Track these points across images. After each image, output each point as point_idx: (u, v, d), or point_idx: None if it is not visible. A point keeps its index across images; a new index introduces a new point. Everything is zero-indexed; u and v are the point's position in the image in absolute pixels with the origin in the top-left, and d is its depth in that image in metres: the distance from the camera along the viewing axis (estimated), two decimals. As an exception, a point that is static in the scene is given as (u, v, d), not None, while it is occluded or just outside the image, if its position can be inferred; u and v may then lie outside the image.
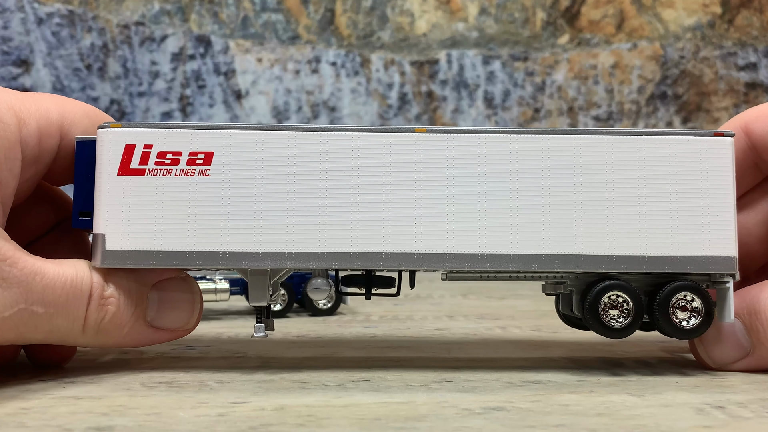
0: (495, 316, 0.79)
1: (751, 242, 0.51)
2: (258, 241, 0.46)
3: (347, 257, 0.46)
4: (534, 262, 0.46)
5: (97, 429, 0.34)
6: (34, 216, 0.50)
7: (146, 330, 0.47)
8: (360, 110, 1.54)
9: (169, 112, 1.52)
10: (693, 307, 0.46)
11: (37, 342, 0.44)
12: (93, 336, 0.45)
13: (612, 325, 0.46)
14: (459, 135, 0.46)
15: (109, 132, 0.46)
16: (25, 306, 0.41)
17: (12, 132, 0.43)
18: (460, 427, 0.35)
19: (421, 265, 0.46)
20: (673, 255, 0.46)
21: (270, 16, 1.53)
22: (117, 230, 0.45)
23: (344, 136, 0.46)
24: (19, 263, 0.41)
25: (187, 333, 0.49)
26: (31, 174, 0.46)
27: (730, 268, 0.46)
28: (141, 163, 0.46)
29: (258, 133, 0.46)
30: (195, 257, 0.45)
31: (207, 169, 0.46)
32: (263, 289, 0.47)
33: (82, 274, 0.44)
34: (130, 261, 0.45)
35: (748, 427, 0.35)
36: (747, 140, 0.50)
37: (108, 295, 0.45)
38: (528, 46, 1.55)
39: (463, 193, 0.46)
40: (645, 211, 0.46)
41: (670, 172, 0.46)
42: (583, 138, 0.46)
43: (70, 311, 0.43)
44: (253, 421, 0.36)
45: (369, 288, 0.50)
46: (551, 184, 0.46)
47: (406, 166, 0.46)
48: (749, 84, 1.53)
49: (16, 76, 1.49)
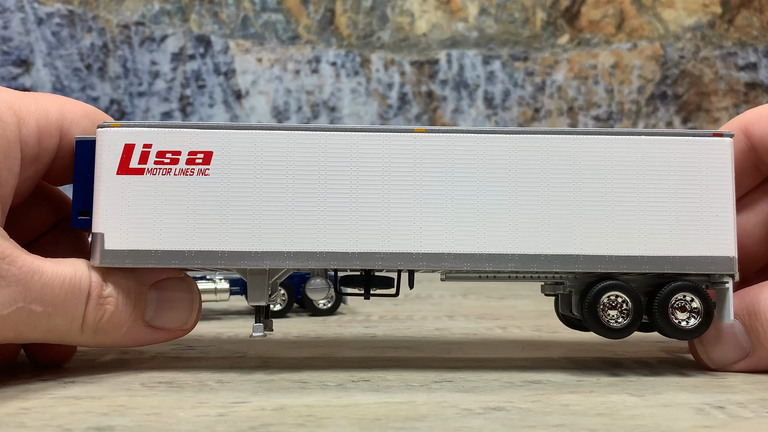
0: (495, 316, 0.79)
1: (751, 244, 0.51)
2: (257, 240, 0.46)
3: (346, 257, 0.46)
4: (533, 262, 0.46)
5: (97, 429, 0.34)
6: (33, 215, 0.50)
7: (144, 330, 0.47)
8: (360, 110, 1.54)
9: (169, 112, 1.52)
10: (692, 307, 0.46)
11: (35, 341, 0.44)
12: (91, 335, 0.45)
13: (611, 326, 0.46)
14: (458, 135, 0.46)
15: (108, 131, 0.46)
16: (24, 304, 0.41)
17: (11, 131, 0.43)
18: (460, 427, 0.35)
19: (420, 265, 0.46)
20: (672, 255, 0.46)
21: (270, 16, 1.53)
22: (116, 229, 0.45)
23: (343, 135, 0.46)
24: (18, 261, 0.41)
25: (185, 333, 0.49)
26: (31, 173, 0.46)
27: (729, 269, 0.46)
28: (140, 163, 0.46)
29: (257, 132, 0.46)
30: (194, 256, 0.45)
31: (206, 169, 0.46)
32: (262, 289, 0.47)
33: (80, 274, 0.44)
34: (129, 260, 0.45)
35: (748, 427, 0.35)
36: (747, 141, 0.50)
37: (106, 295, 0.45)
38: (528, 46, 1.55)
39: (462, 193, 0.46)
40: (644, 212, 0.46)
41: (669, 173, 0.46)
42: (582, 138, 0.46)
43: (68, 310, 0.43)
44: (253, 421, 0.36)
45: (368, 288, 0.50)
46: (550, 184, 0.46)
47: (405, 166, 0.46)
48: (749, 84, 1.53)
49: (16, 76, 1.49)
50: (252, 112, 1.54)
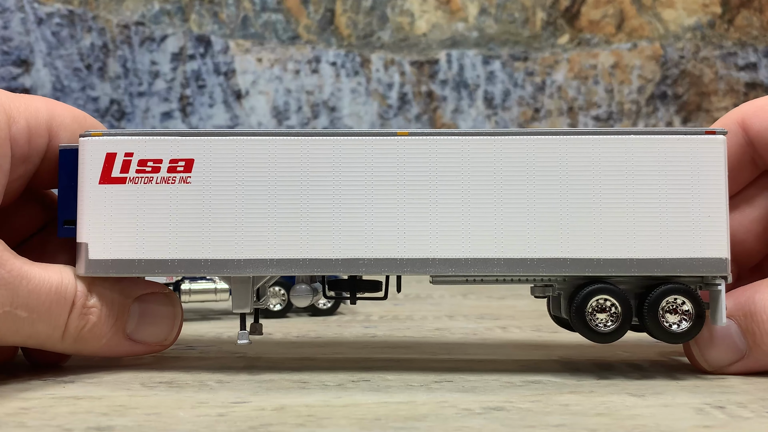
0: (495, 316, 0.79)
1: (748, 239, 0.50)
2: (239, 248, 0.45)
3: (329, 263, 0.45)
4: (519, 266, 0.45)
5: (97, 429, 0.34)
6: (22, 217, 0.50)
7: (124, 342, 0.47)
8: (360, 110, 1.54)
9: (169, 112, 1.52)
10: (683, 310, 0.44)
11: (17, 344, 0.44)
12: (71, 343, 0.45)
13: (599, 330, 0.45)
14: (441, 138, 0.45)
15: (90, 141, 0.46)
16: (10, 309, 0.41)
17: (2, 129, 0.43)
18: (460, 427, 0.35)
19: (404, 271, 0.45)
20: (662, 258, 0.45)
21: (270, 16, 1.53)
22: (100, 239, 0.45)
23: (325, 140, 0.45)
24: (7, 265, 0.41)
25: (164, 348, 0.50)
26: (21, 173, 0.46)
27: (722, 271, 0.44)
28: (122, 171, 0.46)
29: (237, 139, 0.46)
30: (177, 265, 0.45)
31: (188, 177, 0.46)
32: (246, 297, 0.47)
33: (66, 282, 0.44)
34: (113, 269, 0.45)
35: (748, 427, 0.35)
36: (744, 135, 0.49)
37: (90, 305, 0.45)
38: (528, 46, 1.55)
39: (446, 197, 0.45)
40: (634, 213, 0.45)
41: (660, 173, 0.45)
42: (569, 139, 0.45)
43: (52, 318, 0.43)
44: (253, 421, 0.36)
45: (354, 293, 0.50)
46: (536, 186, 0.45)
47: (388, 170, 0.45)
48: (749, 84, 1.53)
49: (16, 76, 1.48)
50: (252, 112, 1.54)
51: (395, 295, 0.97)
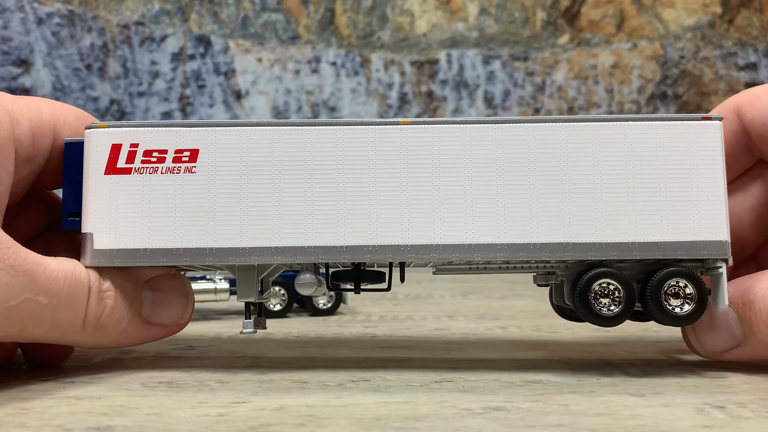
0: (495, 316, 0.79)
1: (743, 228, 0.50)
2: (244, 236, 0.46)
3: (334, 250, 0.45)
4: (522, 251, 0.45)
5: (97, 429, 0.34)
6: (26, 218, 0.50)
7: (142, 326, 0.47)
8: (360, 110, 1.54)
9: (169, 111, 1.52)
10: (686, 293, 0.45)
11: (38, 338, 0.44)
12: (92, 332, 0.45)
13: (603, 314, 0.45)
14: (443, 126, 0.46)
15: (95, 132, 0.46)
16: (31, 296, 0.41)
17: (5, 130, 0.43)
18: (460, 427, 0.35)
19: (408, 257, 0.46)
20: (663, 241, 0.45)
21: (270, 16, 1.53)
22: (105, 229, 0.46)
23: (329, 130, 0.46)
24: (22, 253, 0.42)
25: (181, 328, 0.49)
26: (25, 174, 0.46)
27: (722, 253, 0.45)
28: (128, 162, 0.46)
29: (242, 129, 0.46)
30: (182, 254, 0.46)
31: (193, 167, 0.46)
32: (251, 285, 0.47)
33: (80, 269, 0.45)
34: (118, 259, 0.45)
35: (748, 427, 0.35)
36: (739, 123, 0.49)
37: (105, 289, 0.45)
38: (528, 46, 1.55)
39: (449, 183, 0.46)
40: (634, 197, 0.45)
41: (658, 158, 0.46)
42: (569, 126, 0.46)
43: (72, 303, 0.43)
44: (253, 421, 0.36)
45: (358, 283, 0.50)
46: (538, 173, 0.46)
47: (391, 158, 0.46)
48: (749, 84, 1.53)
49: (16, 76, 1.49)
50: (252, 112, 1.54)
51: (395, 295, 0.97)
